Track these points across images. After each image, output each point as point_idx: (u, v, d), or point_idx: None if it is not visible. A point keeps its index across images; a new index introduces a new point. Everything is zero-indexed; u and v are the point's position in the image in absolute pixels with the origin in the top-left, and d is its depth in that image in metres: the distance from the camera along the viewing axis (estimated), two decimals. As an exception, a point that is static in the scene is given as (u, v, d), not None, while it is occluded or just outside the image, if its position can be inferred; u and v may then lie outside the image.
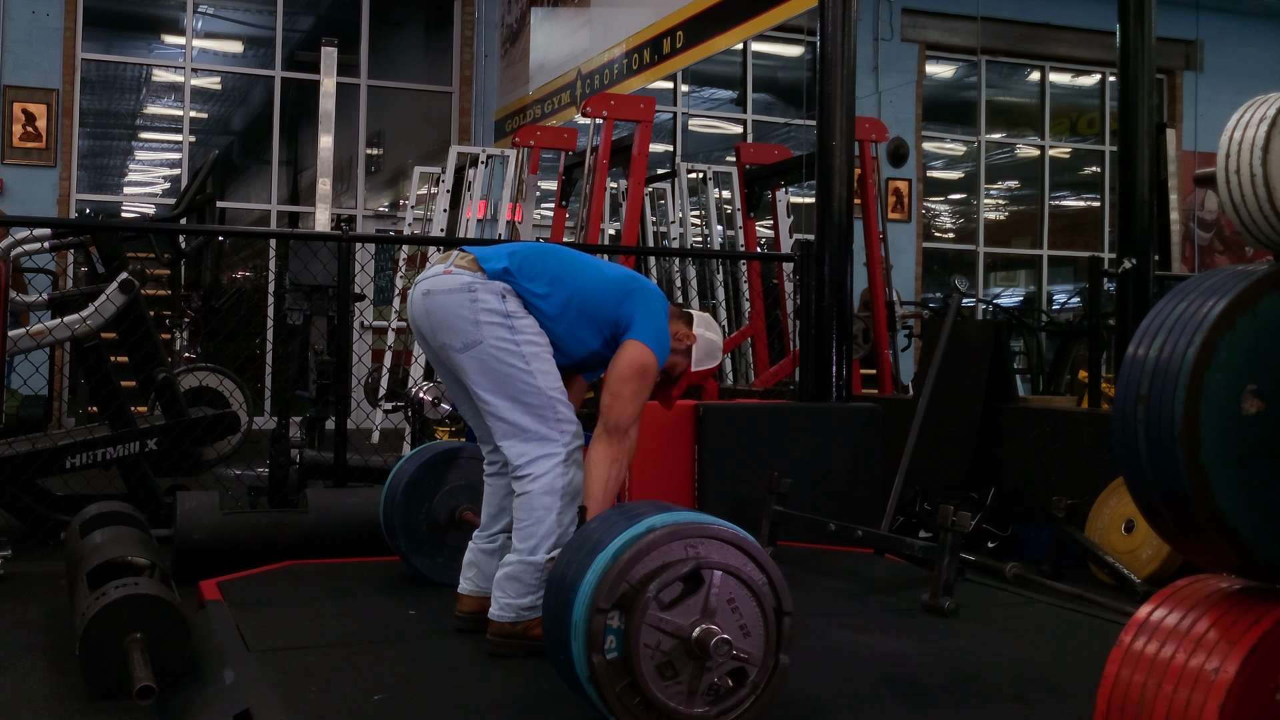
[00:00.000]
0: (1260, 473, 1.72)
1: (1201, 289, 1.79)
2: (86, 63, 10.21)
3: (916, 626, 3.22)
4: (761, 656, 2.17)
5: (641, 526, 2.17)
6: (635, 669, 2.07)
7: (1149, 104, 5.37)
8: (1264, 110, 1.83)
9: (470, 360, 2.78)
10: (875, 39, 11.78)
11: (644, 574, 2.11)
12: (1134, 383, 1.78)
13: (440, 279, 2.82)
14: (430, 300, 2.83)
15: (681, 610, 2.11)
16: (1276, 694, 1.69)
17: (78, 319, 4.76)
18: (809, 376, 4.94)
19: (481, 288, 2.78)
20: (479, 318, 2.76)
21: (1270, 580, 1.79)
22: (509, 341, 2.76)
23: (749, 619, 2.16)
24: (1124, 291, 5.38)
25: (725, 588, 2.14)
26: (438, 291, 2.81)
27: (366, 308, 8.16)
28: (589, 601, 2.10)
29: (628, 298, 2.87)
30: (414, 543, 3.56)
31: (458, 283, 2.80)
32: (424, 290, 2.85)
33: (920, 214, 12.35)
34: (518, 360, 2.76)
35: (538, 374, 2.77)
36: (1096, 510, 4.46)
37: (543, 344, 2.82)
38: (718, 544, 2.17)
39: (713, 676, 2.12)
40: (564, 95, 9.23)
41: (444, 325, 2.80)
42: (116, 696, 2.64)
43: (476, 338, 2.76)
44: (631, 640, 2.07)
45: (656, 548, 2.13)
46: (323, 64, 6.11)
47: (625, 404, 2.77)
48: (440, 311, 2.80)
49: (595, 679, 2.08)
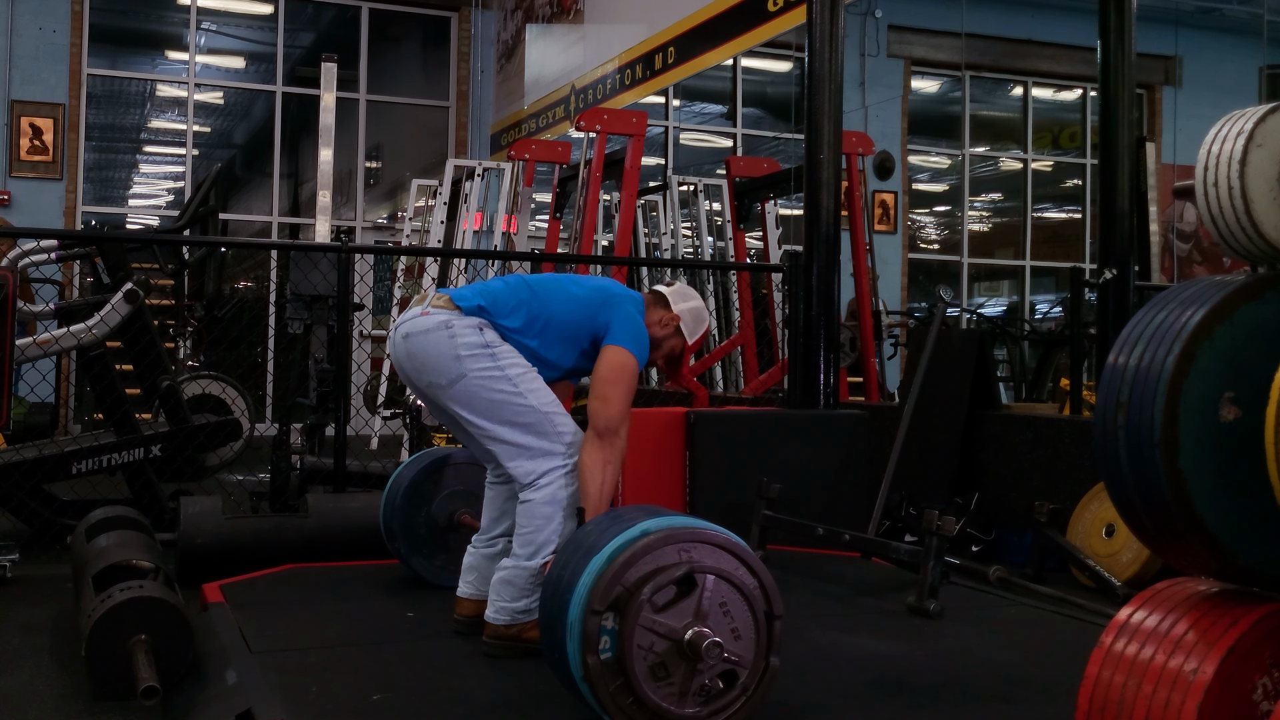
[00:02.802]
0: (1238, 478, 1.73)
1: (1180, 299, 1.81)
2: (92, 78, 10.27)
3: (902, 628, 3.25)
4: (752, 659, 2.19)
5: (636, 531, 2.20)
6: (629, 669, 2.10)
7: (1129, 118, 5.41)
8: (1241, 124, 1.84)
9: (459, 394, 2.82)
10: (862, 55, 11.87)
11: (638, 577, 2.13)
12: (1114, 390, 1.80)
13: (418, 321, 2.86)
14: (411, 343, 2.86)
15: (675, 613, 2.14)
16: (1253, 694, 1.71)
17: (84, 328, 4.80)
18: (797, 384, 4.93)
19: (459, 323, 2.82)
20: (459, 352, 2.79)
21: (1247, 583, 1.80)
22: (493, 369, 2.80)
23: (740, 622, 2.18)
24: (1105, 301, 5.42)
25: (718, 591, 2.16)
26: (417, 333, 2.85)
27: (365, 317, 8.16)
28: (584, 603, 2.12)
29: (601, 309, 2.91)
30: (413, 546, 3.59)
31: (434, 322, 2.83)
32: (404, 334, 2.89)
33: (906, 225, 12.42)
34: (505, 384, 2.80)
35: (527, 393, 2.81)
36: (1078, 515, 4.48)
37: (526, 365, 2.85)
38: (710, 549, 2.19)
39: (704, 678, 2.14)
40: (558, 110, 9.27)
41: (427, 365, 2.84)
42: (121, 697, 2.66)
43: (460, 371, 2.79)
44: (625, 641, 2.10)
45: (651, 551, 2.16)
46: (323, 79, 6.12)
47: (612, 406, 2.79)
48: (421, 353, 2.84)
49: (590, 679, 2.11)
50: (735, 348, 7.61)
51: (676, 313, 3.09)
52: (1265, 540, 1.75)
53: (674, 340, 3.11)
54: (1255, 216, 1.81)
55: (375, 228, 11.56)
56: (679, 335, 3.10)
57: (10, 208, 9.63)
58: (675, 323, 3.09)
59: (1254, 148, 1.81)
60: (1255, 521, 1.74)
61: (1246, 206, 1.82)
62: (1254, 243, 1.84)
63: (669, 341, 3.10)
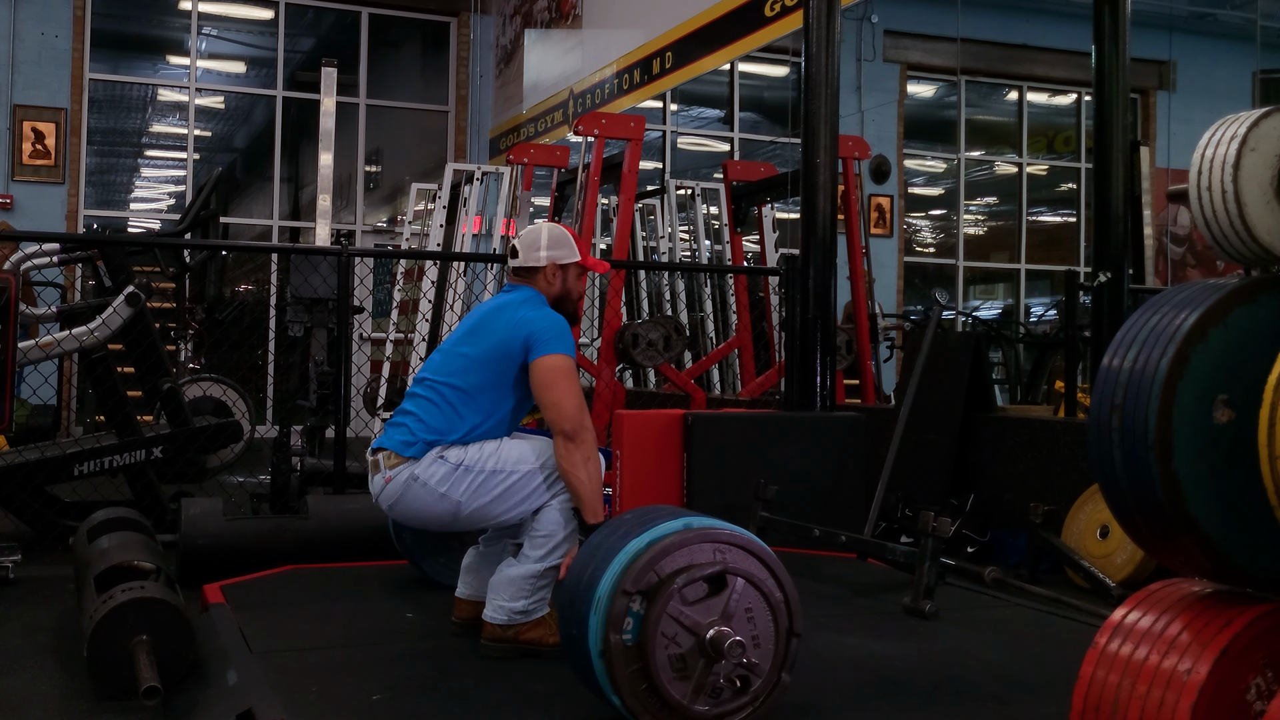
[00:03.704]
0: (1231, 480, 1.75)
1: (1174, 302, 1.83)
2: (94, 83, 10.30)
3: (898, 628, 3.27)
4: (767, 670, 2.21)
5: (678, 524, 2.23)
6: (648, 655, 2.12)
7: (1123, 123, 5.43)
8: (1234, 129, 1.86)
9: (473, 519, 2.88)
10: (858, 60, 11.89)
11: (674, 569, 2.16)
12: (1109, 393, 1.81)
13: (389, 490, 2.90)
14: (399, 510, 2.93)
15: (702, 609, 2.16)
16: (1247, 694, 1.72)
17: (85, 331, 4.81)
18: (794, 387, 4.93)
19: (421, 471, 2.84)
20: (440, 490, 2.83)
21: (1240, 584, 1.81)
22: (475, 478, 2.83)
23: (762, 631, 2.21)
24: (1099, 304, 5.44)
25: (746, 596, 2.19)
26: (396, 499, 2.90)
27: (365, 320, 8.19)
28: (616, 581, 2.14)
29: (510, 345, 2.89)
30: (421, 544, 3.59)
31: (400, 483, 2.86)
32: (389, 506, 2.94)
33: (902, 229, 12.45)
34: (495, 479, 2.83)
35: (512, 462, 2.84)
36: (1072, 516, 4.50)
37: (494, 444, 2.87)
38: (745, 554, 2.22)
39: (719, 678, 2.16)
40: (557, 114, 9.29)
41: (427, 517, 2.91)
42: (123, 696, 2.67)
43: (455, 503, 2.84)
44: (650, 628, 2.12)
45: (688, 545, 2.18)
46: (323, 84, 6.14)
47: (564, 408, 2.80)
48: (414, 511, 2.91)
49: (608, 656, 2.12)
50: (732, 350, 7.62)
51: (546, 260, 3.01)
52: (1258, 541, 1.76)
53: (570, 277, 3.04)
54: (1248, 220, 1.83)
55: (375, 231, 11.60)
56: (566, 268, 3.03)
57: (13, 211, 9.66)
58: (554, 267, 3.02)
59: (1247, 152, 1.83)
60: (1249, 523, 1.75)
61: (1240, 210, 1.83)
62: (1247, 246, 1.85)
63: (570, 283, 3.04)
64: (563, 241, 3.04)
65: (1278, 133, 1.86)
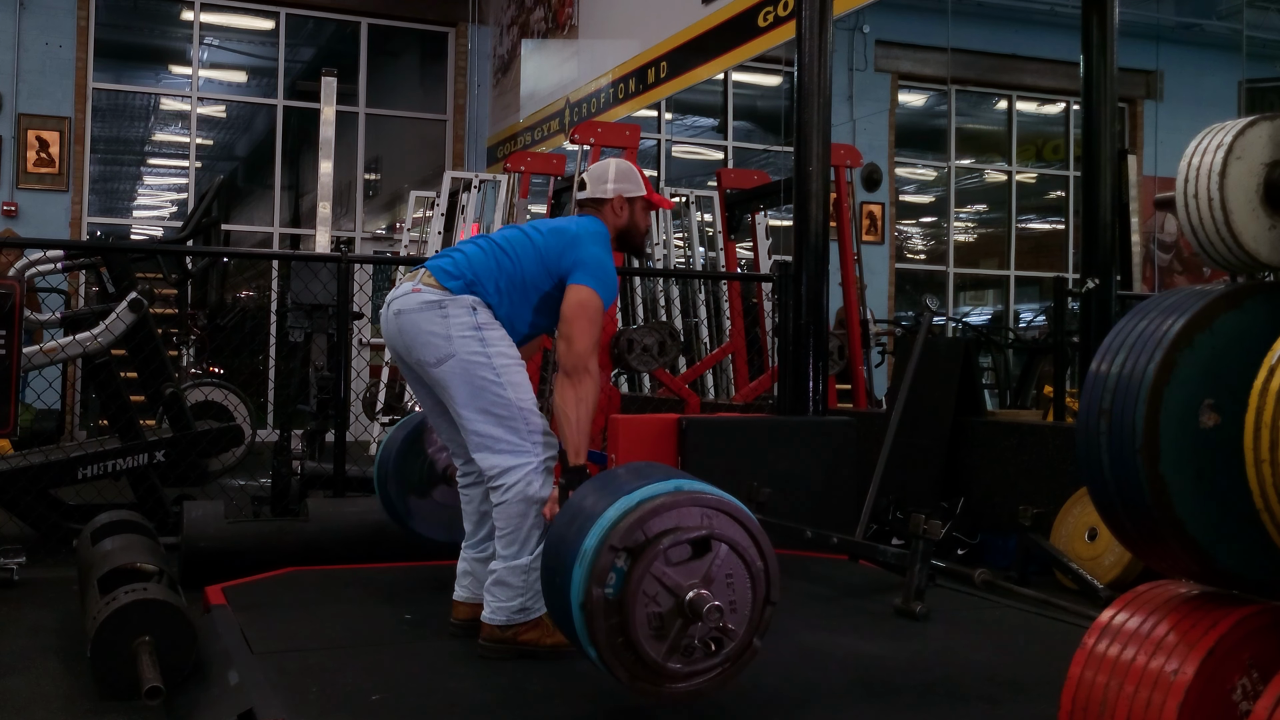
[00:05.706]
0: (1217, 483, 1.75)
1: (1161, 308, 1.83)
2: (97, 92, 10.34)
3: (889, 629, 3.28)
4: (740, 635, 2.24)
5: (670, 485, 2.25)
6: (628, 611, 2.14)
7: (1111, 131, 5.48)
8: (1221, 137, 1.87)
9: (445, 374, 2.82)
10: (850, 69, 11.96)
11: (661, 529, 2.18)
12: (1097, 397, 1.82)
13: (410, 298, 2.86)
14: (403, 320, 2.86)
15: (684, 570, 2.18)
16: (1233, 695, 1.73)
17: (89, 336, 4.83)
18: (787, 391, 4.94)
19: (451, 303, 2.82)
20: (451, 332, 2.80)
21: (1227, 586, 1.82)
22: (480, 354, 2.80)
23: (740, 598, 2.24)
24: (1087, 310, 5.48)
25: (728, 563, 2.22)
26: (409, 310, 2.85)
27: (364, 326, 8.19)
28: (604, 536, 2.16)
29: (564, 253, 2.90)
30: (402, 493, 3.55)
31: (425, 300, 2.83)
32: (395, 310, 2.89)
33: (893, 236, 12.51)
34: (490, 373, 2.80)
35: (508, 386, 2.80)
36: (1061, 519, 4.52)
37: (513, 355, 2.86)
38: (731, 521, 2.24)
39: (694, 640, 2.19)
40: (553, 123, 9.32)
41: (418, 342, 2.84)
42: (126, 697, 2.68)
43: (449, 351, 2.80)
44: (633, 585, 2.14)
45: (678, 507, 2.21)
46: (323, 93, 6.15)
47: (576, 343, 2.79)
48: (413, 330, 2.84)
49: (588, 608, 2.15)
50: (726, 356, 7.66)
51: (614, 192, 3.06)
52: (1244, 544, 1.77)
53: (637, 210, 3.09)
54: (1234, 227, 1.85)
55: (374, 238, 11.64)
56: (633, 201, 3.08)
57: (18, 219, 9.72)
58: (621, 199, 3.06)
59: (1233, 160, 1.85)
60: (1234, 525, 1.76)
61: (1226, 217, 1.85)
62: (1233, 252, 1.87)
63: (636, 216, 3.08)
64: (630, 175, 3.09)
65: (1263, 141, 1.87)
